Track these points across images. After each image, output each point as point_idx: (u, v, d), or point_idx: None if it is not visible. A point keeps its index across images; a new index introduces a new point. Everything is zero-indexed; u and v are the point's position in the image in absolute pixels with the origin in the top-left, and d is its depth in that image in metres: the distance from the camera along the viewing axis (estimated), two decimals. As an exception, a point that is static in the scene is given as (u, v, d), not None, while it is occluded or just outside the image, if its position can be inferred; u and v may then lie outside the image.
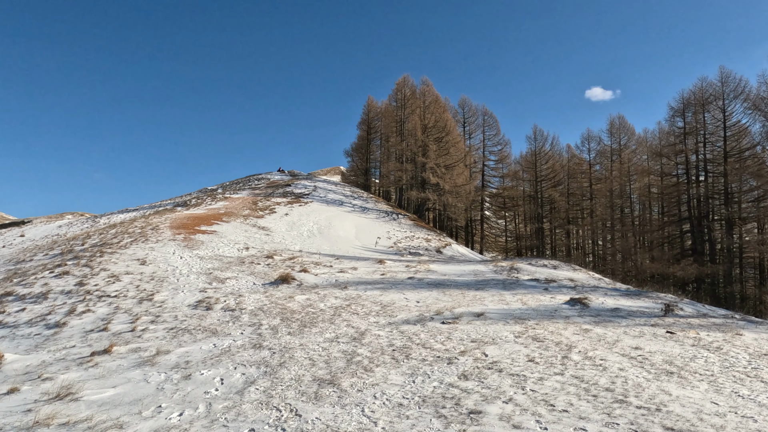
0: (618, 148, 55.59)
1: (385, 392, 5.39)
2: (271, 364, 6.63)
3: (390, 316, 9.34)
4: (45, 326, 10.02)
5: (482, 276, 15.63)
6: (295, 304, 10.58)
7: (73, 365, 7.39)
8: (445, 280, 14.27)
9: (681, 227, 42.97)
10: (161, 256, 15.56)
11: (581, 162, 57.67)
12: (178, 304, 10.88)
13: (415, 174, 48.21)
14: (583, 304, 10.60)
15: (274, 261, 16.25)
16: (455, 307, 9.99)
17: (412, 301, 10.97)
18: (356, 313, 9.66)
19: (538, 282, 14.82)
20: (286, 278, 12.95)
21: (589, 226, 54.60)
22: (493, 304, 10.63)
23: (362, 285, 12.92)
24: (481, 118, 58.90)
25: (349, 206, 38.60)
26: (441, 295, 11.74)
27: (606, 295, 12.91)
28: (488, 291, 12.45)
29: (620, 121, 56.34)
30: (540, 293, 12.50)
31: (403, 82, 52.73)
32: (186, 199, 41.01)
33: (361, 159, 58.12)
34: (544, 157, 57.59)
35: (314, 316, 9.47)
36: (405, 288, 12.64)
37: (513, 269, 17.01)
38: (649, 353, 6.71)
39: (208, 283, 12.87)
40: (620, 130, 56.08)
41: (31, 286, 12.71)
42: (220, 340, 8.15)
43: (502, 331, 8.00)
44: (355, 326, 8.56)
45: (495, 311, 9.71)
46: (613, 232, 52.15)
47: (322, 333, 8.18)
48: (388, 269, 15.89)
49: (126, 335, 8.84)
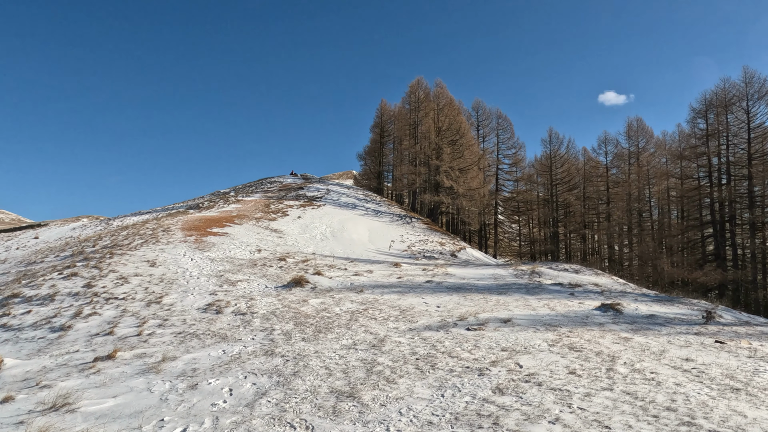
0: (636, 151, 54.40)
1: (411, 407, 4.81)
2: (284, 374, 6.09)
3: (410, 321, 8.74)
4: (50, 329, 9.62)
5: (503, 280, 14.96)
6: (309, 308, 10.04)
7: (74, 372, 6.93)
8: (465, 284, 13.63)
9: (702, 232, 41.71)
10: (171, 257, 15.16)
11: (597, 165, 56.50)
12: (187, 307, 10.41)
13: (429, 177, 47.56)
14: (616, 310, 9.89)
15: (286, 263, 15.76)
16: (479, 313, 9.36)
17: (432, 305, 10.36)
18: (374, 318, 9.09)
19: (562, 286, 14.11)
20: (299, 281, 12.43)
21: (606, 231, 53.39)
22: (518, 309, 9.98)
23: (379, 288, 12.34)
24: (495, 121, 58.11)
25: (362, 209, 38.12)
26: (462, 299, 11.11)
27: (637, 300, 12.17)
28: (511, 295, 11.79)
29: (638, 123, 55.16)
30: (566, 298, 11.80)
31: (417, 84, 52.22)
32: (198, 201, 40.90)
33: (374, 162, 57.67)
34: (559, 161, 56.52)
35: (329, 321, 8.92)
36: (423, 292, 12.04)
37: (534, 273, 16.30)
38: (704, 366, 6.03)
39: (219, 285, 12.40)
40: (638, 132, 54.88)
41: (39, 288, 12.36)
42: (230, 345, 7.63)
43: (533, 338, 7.35)
44: (374, 332, 7.99)
45: (522, 317, 9.06)
46: (631, 237, 50.93)
47: (338, 339, 7.62)
48: (405, 272, 15.29)
49: (132, 340, 8.37)
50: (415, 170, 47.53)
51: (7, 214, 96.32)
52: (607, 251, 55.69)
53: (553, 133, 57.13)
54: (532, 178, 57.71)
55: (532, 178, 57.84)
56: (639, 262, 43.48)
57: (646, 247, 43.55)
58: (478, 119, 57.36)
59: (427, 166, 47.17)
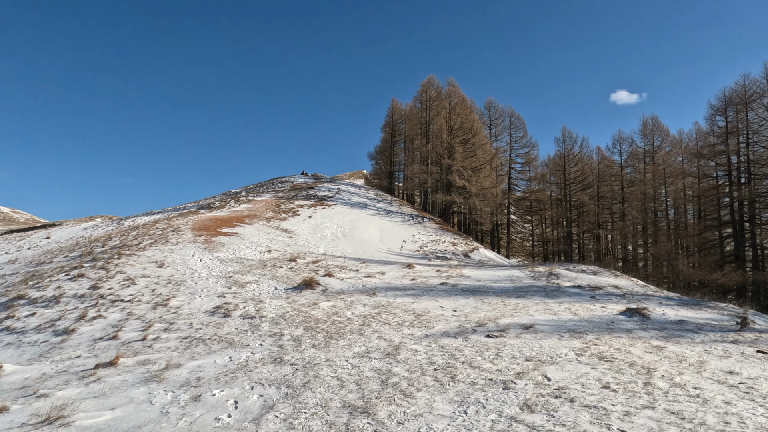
0: (651, 149, 53.36)
1: (432, 426, 4.37)
2: (293, 384, 5.69)
3: (426, 327, 8.30)
4: (53, 333, 9.35)
5: (520, 282, 14.44)
6: (320, 311, 9.65)
7: (74, 379, 6.60)
8: (481, 287, 13.14)
9: (720, 232, 40.64)
10: (180, 258, 14.89)
11: (612, 164, 55.52)
12: (194, 310, 10.08)
13: (441, 176, 46.99)
14: (642, 315, 9.35)
15: (297, 264, 15.41)
16: (498, 318, 8.89)
17: (448, 309, 9.91)
18: (387, 323, 8.66)
19: (582, 289, 13.56)
20: (309, 283, 12.05)
21: (620, 231, 52.40)
22: (539, 314, 9.49)
23: (392, 291, 11.91)
24: (508, 120, 57.38)
25: (373, 209, 37.73)
26: (479, 303, 10.63)
27: (662, 304, 11.58)
28: (530, 299, 11.28)
29: (653, 122, 54.07)
30: (588, 302, 11.26)
31: (429, 83, 51.71)
32: (209, 201, 40.86)
33: (385, 162, 57.25)
34: (573, 160, 55.60)
35: (341, 326, 8.51)
36: (438, 295, 11.58)
37: (552, 275, 15.75)
38: (751, 380, 5.51)
39: (228, 287, 12.07)
40: (654, 131, 53.81)
41: (44, 289, 12.15)
42: (237, 352, 7.26)
43: (558, 347, 6.87)
44: (388, 339, 7.56)
45: (544, 322, 8.57)
46: (646, 237, 49.91)
47: (350, 346, 7.21)
48: (418, 274, 14.84)
49: (136, 345, 8.05)
50: (426, 169, 47.01)
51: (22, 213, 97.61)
52: (621, 251, 54.68)
53: (567, 131, 56.23)
54: (545, 178, 56.91)
55: (545, 178, 57.03)
56: (655, 262, 42.50)
57: (662, 248, 42.53)
58: (490, 118, 56.68)
59: (439, 165, 46.62)
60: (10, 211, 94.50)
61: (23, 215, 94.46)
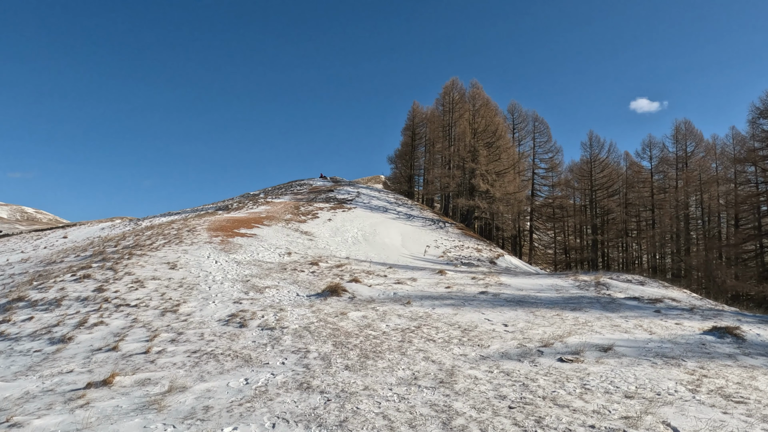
0: (684, 155, 51.16)
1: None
2: (326, 423, 4.38)
3: (479, 346, 6.92)
4: (48, 341, 8.24)
5: (567, 292, 12.94)
6: (350, 323, 8.34)
7: (58, 402, 5.42)
8: (526, 297, 11.69)
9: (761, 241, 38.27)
10: (194, 259, 13.78)
11: (641, 170, 53.38)
12: (206, 317, 8.88)
13: (464, 180, 45.48)
14: (735, 336, 7.81)
15: (319, 268, 14.16)
16: (563, 336, 7.46)
17: (497, 323, 8.50)
18: (431, 339, 7.30)
19: (640, 301, 12.00)
20: (335, 289, 10.77)
21: (650, 239, 50.11)
22: (607, 331, 8.02)
23: (428, 300, 10.55)
24: (532, 125, 55.76)
25: (393, 213, 36.45)
26: (531, 316, 9.20)
27: (741, 322, 9.97)
28: (588, 312, 9.80)
29: (687, 126, 51.86)
30: (655, 317, 9.73)
31: (452, 85, 50.43)
32: (228, 203, 40.12)
33: (405, 166, 55.99)
34: (599, 165, 53.56)
35: (377, 341, 7.18)
36: (481, 306, 10.17)
37: (600, 285, 14.19)
38: None
39: (245, 292, 10.87)
40: (686, 136, 51.63)
41: (47, 291, 11.11)
42: (255, 372, 6.00)
43: (659, 378, 5.43)
44: (436, 360, 6.21)
45: (623, 343, 7.11)
46: (679, 245, 47.56)
47: (392, 369, 5.88)
48: (453, 281, 13.44)
49: (137, 359, 6.85)
50: (448, 173, 45.58)
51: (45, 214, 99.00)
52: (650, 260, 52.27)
53: (594, 136, 54.30)
54: (569, 184, 55.04)
55: (570, 184, 55.15)
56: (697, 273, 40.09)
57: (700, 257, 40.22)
58: (513, 122, 55.12)
59: (462, 169, 45.12)
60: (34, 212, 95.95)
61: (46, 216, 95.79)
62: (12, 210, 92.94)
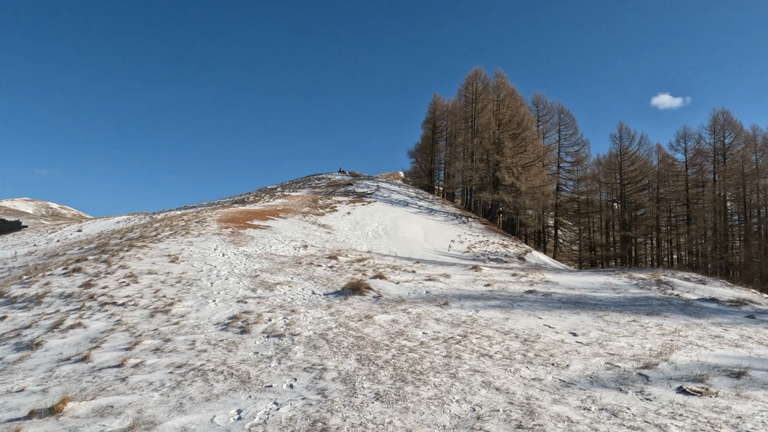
0: (722, 147, 48.09)
1: None
2: (352, 501, 2.73)
3: (553, 365, 5.17)
4: (14, 346, 6.79)
5: (626, 292, 11.05)
6: (377, 329, 6.67)
7: (-18, 440, 3.89)
8: (582, 297, 9.85)
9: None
10: (198, 252, 12.30)
11: (674, 163, 50.43)
12: (202, 320, 7.33)
13: (487, 174, 43.38)
14: None
15: (338, 263, 12.54)
16: (665, 353, 5.64)
17: (562, 332, 6.73)
18: (486, 354, 5.59)
19: (720, 303, 10.06)
20: (357, 287, 9.12)
21: (686, 235, 47.28)
22: (713, 344, 6.18)
23: (468, 301, 8.80)
24: (557, 117, 53.23)
25: (414, 207, 34.70)
26: (601, 322, 7.39)
27: None
28: (669, 318, 7.93)
29: (725, 116, 48.74)
30: (756, 324, 7.82)
31: (475, 75, 48.30)
32: (244, 196, 38.98)
33: (425, 159, 54.10)
34: (629, 158, 50.73)
35: (415, 356, 5.50)
36: (533, 307, 8.39)
37: (663, 284, 12.23)
38: None
39: (252, 289, 9.30)
40: (725, 126, 48.49)
41: (30, 286, 9.73)
42: (252, 400, 4.38)
43: None
44: (501, 387, 4.50)
45: (753, 364, 5.28)
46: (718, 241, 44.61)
47: (441, 400, 4.20)
48: (491, 278, 11.65)
49: (106, 374, 5.31)
50: (471, 166, 43.55)
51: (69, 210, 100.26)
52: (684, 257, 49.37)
53: (624, 128, 51.41)
54: (596, 178, 52.41)
55: (596, 178, 52.51)
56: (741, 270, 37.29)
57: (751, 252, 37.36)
58: (538, 114, 52.66)
59: (486, 161, 43.03)
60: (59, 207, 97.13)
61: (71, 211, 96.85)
62: (38, 206, 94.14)
